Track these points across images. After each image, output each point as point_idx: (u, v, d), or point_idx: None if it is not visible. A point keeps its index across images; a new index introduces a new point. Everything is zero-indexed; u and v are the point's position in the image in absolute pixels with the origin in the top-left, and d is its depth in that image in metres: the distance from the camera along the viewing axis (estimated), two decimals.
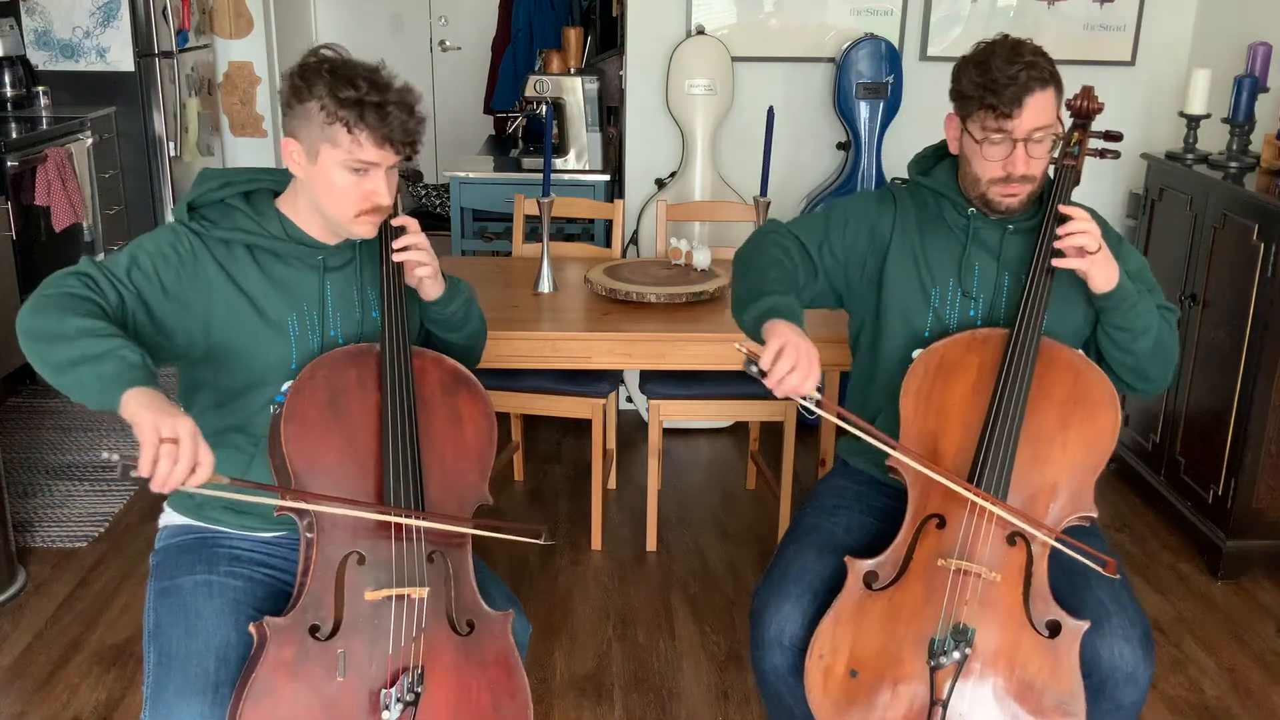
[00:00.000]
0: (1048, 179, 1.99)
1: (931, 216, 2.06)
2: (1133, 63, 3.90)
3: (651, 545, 3.26)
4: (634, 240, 3.94)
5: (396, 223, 1.84)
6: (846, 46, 3.78)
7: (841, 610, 1.84)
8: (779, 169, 3.70)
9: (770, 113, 3.11)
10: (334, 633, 1.68)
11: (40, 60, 4.98)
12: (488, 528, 1.80)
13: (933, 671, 1.80)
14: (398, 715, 1.67)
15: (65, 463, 3.70)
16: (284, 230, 1.81)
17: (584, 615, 2.93)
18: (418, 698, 1.69)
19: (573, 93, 4.07)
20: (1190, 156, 3.40)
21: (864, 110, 3.79)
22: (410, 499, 1.74)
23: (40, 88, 4.84)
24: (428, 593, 1.73)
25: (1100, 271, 1.88)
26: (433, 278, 1.88)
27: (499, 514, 3.45)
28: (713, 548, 3.30)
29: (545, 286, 3.06)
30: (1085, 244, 1.85)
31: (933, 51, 3.88)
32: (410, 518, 1.73)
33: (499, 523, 1.83)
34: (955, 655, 1.79)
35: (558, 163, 4.08)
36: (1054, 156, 1.95)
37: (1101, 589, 1.90)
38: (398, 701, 1.67)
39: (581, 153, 4.12)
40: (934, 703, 1.80)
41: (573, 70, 4.18)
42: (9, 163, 4.00)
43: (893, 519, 1.94)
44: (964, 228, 2.02)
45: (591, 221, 4.21)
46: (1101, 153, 1.99)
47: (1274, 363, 2.94)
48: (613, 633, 2.86)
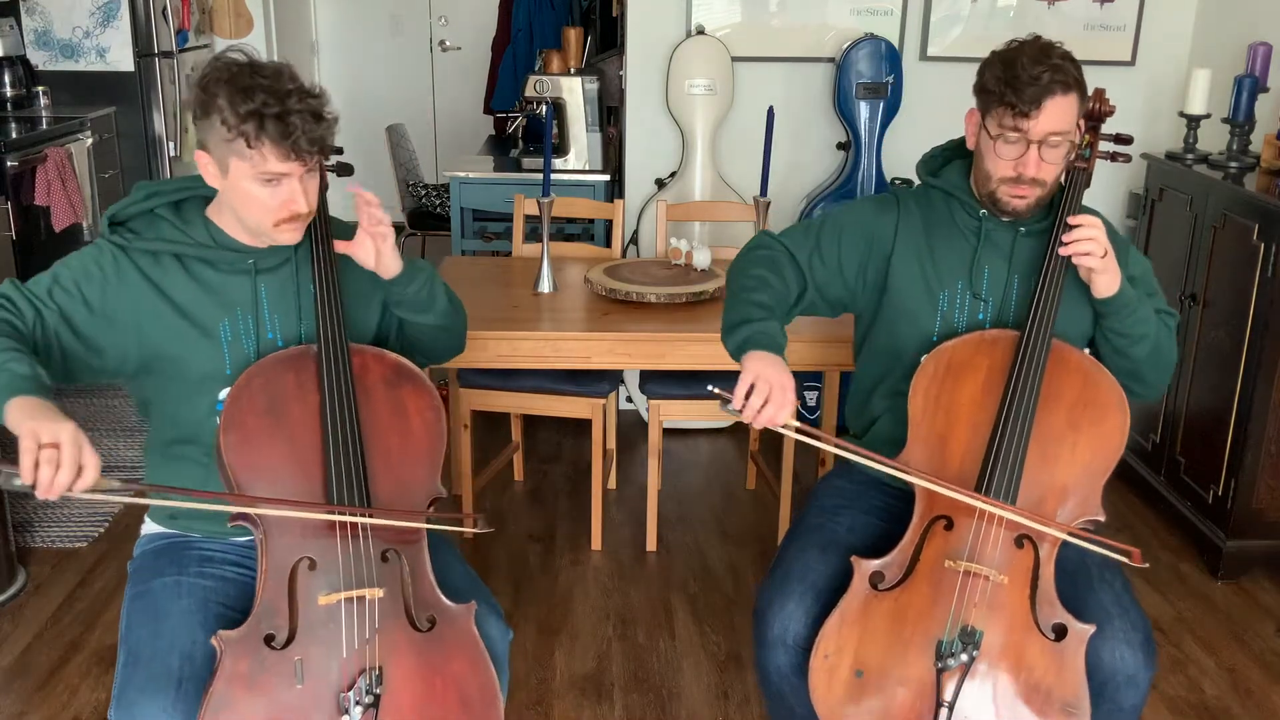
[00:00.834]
0: (1059, 184, 1.98)
1: (940, 218, 2.05)
2: (1133, 63, 3.90)
3: (651, 545, 3.26)
4: (634, 240, 3.94)
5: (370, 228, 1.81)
6: (846, 46, 3.78)
7: (847, 610, 1.84)
8: (779, 169, 3.70)
9: (770, 113, 3.11)
10: (289, 640, 1.67)
11: (40, 60, 4.98)
12: (424, 519, 1.78)
13: (939, 673, 1.80)
14: (359, 717, 1.66)
15: None
16: (211, 237, 1.80)
17: (584, 615, 2.93)
18: (377, 699, 1.67)
19: (573, 93, 4.07)
20: (1190, 156, 3.40)
21: (864, 110, 3.79)
22: (356, 498, 1.72)
23: (40, 88, 4.84)
24: (383, 592, 1.71)
25: (1104, 277, 1.89)
26: (393, 251, 1.84)
27: (500, 515, 3.46)
28: (713, 548, 3.30)
29: (545, 286, 3.06)
30: (1092, 250, 1.85)
31: (933, 51, 3.88)
32: (346, 514, 1.70)
33: (436, 514, 1.81)
34: (963, 657, 1.78)
35: (558, 163, 4.08)
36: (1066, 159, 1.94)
37: (1104, 592, 1.90)
38: (356, 704, 1.66)
39: (581, 153, 4.12)
40: (939, 704, 1.79)
41: (573, 70, 4.17)
42: (9, 163, 4.00)
43: (895, 518, 1.94)
44: (975, 229, 2.01)
45: (591, 221, 4.21)
46: (1113, 155, 1.98)
47: (1274, 363, 2.94)
48: (613, 633, 2.86)
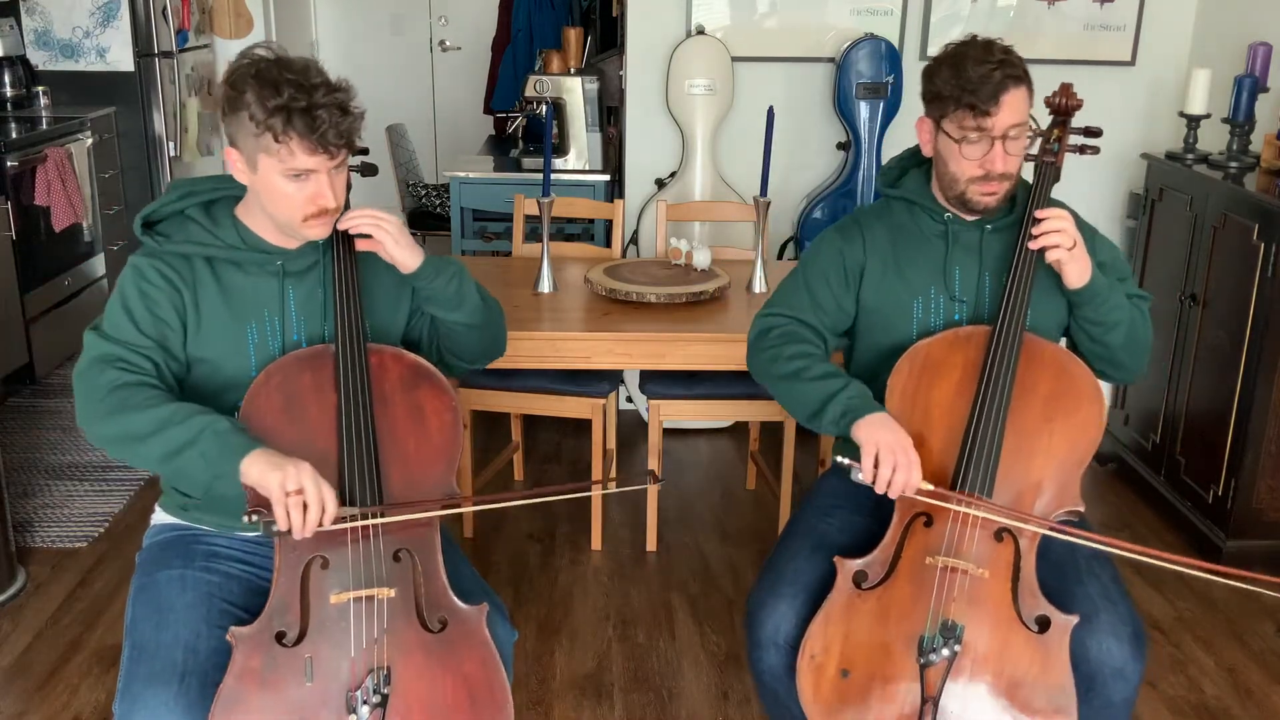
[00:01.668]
0: (1023, 177, 2.00)
1: (906, 228, 2.06)
2: (1133, 63, 3.89)
3: (651, 545, 3.26)
4: (634, 240, 3.94)
5: (343, 224, 1.81)
6: (846, 46, 3.78)
7: (831, 610, 1.85)
8: (779, 169, 3.70)
9: (770, 113, 3.11)
10: (300, 638, 1.67)
11: (40, 60, 4.98)
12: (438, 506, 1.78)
13: (923, 669, 1.81)
14: (366, 716, 1.66)
15: (65, 463, 3.70)
16: (240, 238, 1.81)
17: (584, 615, 2.93)
18: (385, 699, 1.68)
19: (573, 93, 4.07)
20: (1190, 156, 3.40)
21: (864, 110, 3.79)
22: (369, 496, 1.72)
23: (40, 88, 4.84)
24: (394, 592, 1.72)
25: (1074, 268, 1.91)
26: (396, 243, 1.82)
27: (500, 514, 3.45)
28: (713, 548, 3.29)
29: (545, 286, 3.06)
30: (1060, 242, 1.88)
31: (933, 51, 3.81)
32: (356, 519, 1.70)
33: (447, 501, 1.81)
34: (945, 652, 1.79)
35: (558, 163, 4.08)
36: (1033, 154, 1.97)
37: (1092, 584, 1.90)
38: (364, 704, 1.66)
39: (581, 153, 4.12)
40: (925, 701, 1.80)
41: (573, 70, 4.17)
42: (9, 163, 4.00)
43: (885, 518, 1.95)
44: (942, 233, 2.03)
45: (591, 221, 4.21)
46: (1081, 149, 2.00)
47: (1274, 363, 2.94)
48: (613, 633, 2.86)
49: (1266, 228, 2.93)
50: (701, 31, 3.81)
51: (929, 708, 1.80)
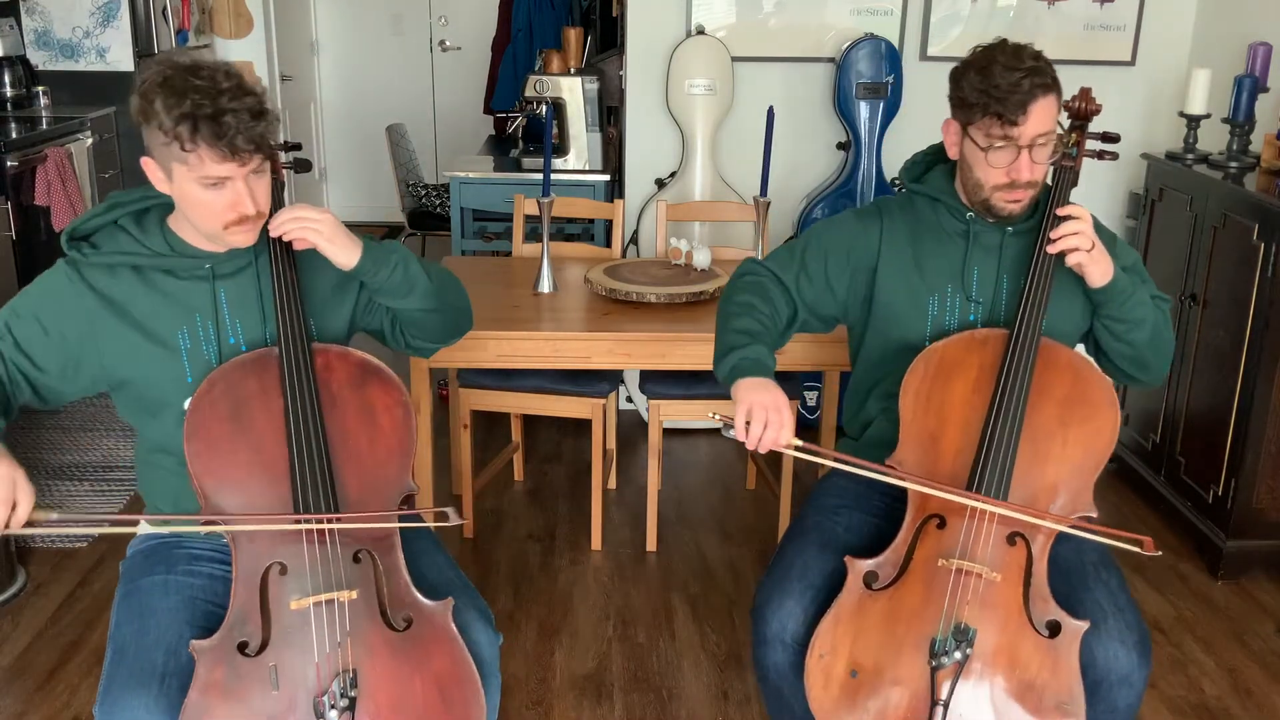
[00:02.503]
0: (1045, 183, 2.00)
1: (927, 224, 2.06)
2: (1133, 63, 3.90)
3: (651, 545, 3.26)
4: (634, 240, 3.94)
5: (274, 231, 1.76)
6: (846, 46, 3.78)
7: (841, 610, 1.84)
8: (779, 169, 3.70)
9: (770, 113, 3.11)
10: (263, 647, 1.66)
11: (40, 60, 4.98)
12: (394, 518, 1.76)
13: (933, 672, 1.80)
14: None
15: (65, 463, 3.70)
16: (169, 245, 1.78)
17: (584, 615, 2.93)
18: (353, 702, 1.67)
19: (573, 93, 4.07)
20: (1190, 156, 3.40)
21: (864, 110, 3.79)
22: (322, 502, 1.71)
23: (40, 88, 4.84)
24: (356, 594, 1.70)
25: (1096, 268, 1.91)
26: (330, 242, 1.76)
27: (500, 514, 3.46)
28: (713, 548, 3.29)
29: (545, 286, 3.06)
30: (1079, 244, 1.87)
31: (933, 51, 3.87)
32: (310, 523, 1.69)
33: (405, 510, 1.79)
34: (956, 655, 1.79)
35: (558, 163, 4.08)
36: (1052, 159, 1.95)
37: (1099, 590, 1.90)
38: (331, 708, 1.65)
39: (581, 153, 4.12)
40: (934, 703, 1.80)
41: (573, 70, 4.17)
42: (9, 163, 4.00)
43: (893, 518, 1.94)
44: (963, 232, 2.03)
45: (591, 221, 4.21)
46: (1100, 154, 2.00)
47: (1274, 363, 2.94)
48: (613, 633, 2.86)
49: (1266, 228, 2.93)
50: (701, 31, 3.81)
51: (937, 710, 1.79)
